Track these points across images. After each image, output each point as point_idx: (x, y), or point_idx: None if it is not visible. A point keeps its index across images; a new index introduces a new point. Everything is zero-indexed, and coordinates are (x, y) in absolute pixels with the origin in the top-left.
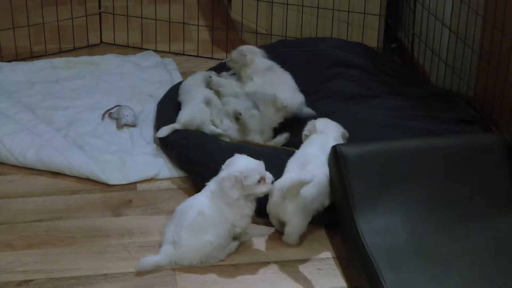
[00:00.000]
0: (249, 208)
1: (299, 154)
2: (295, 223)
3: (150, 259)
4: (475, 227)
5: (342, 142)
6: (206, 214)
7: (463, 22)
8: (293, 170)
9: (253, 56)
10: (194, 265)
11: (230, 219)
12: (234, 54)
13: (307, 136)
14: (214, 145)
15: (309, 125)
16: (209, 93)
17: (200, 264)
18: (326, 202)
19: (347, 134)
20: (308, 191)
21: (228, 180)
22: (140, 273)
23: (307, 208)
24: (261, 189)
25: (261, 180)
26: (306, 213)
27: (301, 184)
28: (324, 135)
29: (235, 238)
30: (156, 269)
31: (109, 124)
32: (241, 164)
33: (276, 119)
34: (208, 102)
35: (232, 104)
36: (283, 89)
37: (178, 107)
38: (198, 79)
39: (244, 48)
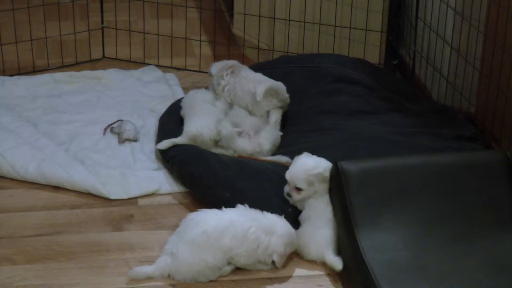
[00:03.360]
0: None
1: None
2: None
3: (142, 269)
4: (476, 244)
5: None
6: (210, 234)
7: (464, 39)
8: None
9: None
10: (187, 281)
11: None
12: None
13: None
14: (215, 160)
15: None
16: (212, 108)
17: (192, 281)
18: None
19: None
20: None
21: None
22: None
23: None
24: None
25: None
26: None
27: None
28: None
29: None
30: (152, 280)
31: (111, 138)
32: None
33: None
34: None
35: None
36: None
37: (180, 122)
38: (203, 95)
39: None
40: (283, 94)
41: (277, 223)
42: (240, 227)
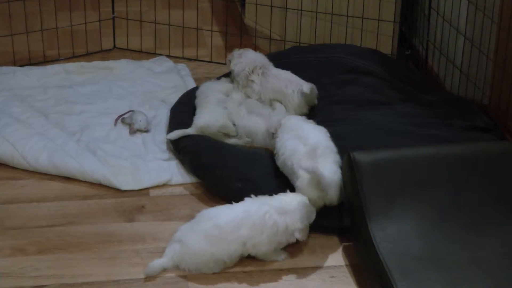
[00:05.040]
0: None
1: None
2: None
3: (156, 263)
4: (489, 235)
5: None
6: (223, 227)
7: (478, 29)
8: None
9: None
10: (191, 271)
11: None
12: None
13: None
14: (228, 151)
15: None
16: (225, 99)
17: (195, 271)
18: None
19: None
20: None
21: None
22: (151, 279)
23: None
24: None
25: None
26: None
27: None
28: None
29: None
30: (163, 272)
31: (122, 129)
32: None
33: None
34: (224, 106)
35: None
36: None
37: (191, 112)
38: (218, 86)
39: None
40: (315, 99)
41: (285, 200)
42: (256, 215)
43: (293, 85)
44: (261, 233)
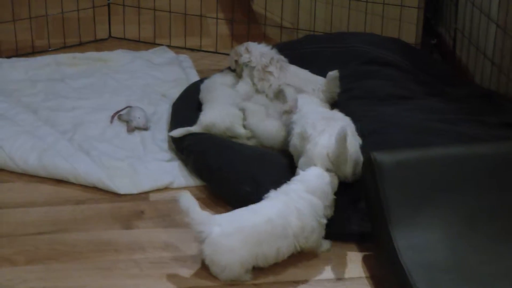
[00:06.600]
0: None
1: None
2: None
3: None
4: None
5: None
6: (275, 222)
7: (510, 15)
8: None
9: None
10: (214, 271)
11: None
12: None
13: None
14: (237, 151)
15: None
16: (234, 94)
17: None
18: None
19: None
20: None
21: None
22: None
23: None
24: None
25: None
26: None
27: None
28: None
29: None
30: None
31: (119, 127)
32: None
33: None
34: (232, 103)
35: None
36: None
37: (195, 108)
38: (227, 78)
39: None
40: (337, 90)
41: (305, 179)
42: (295, 204)
43: (312, 84)
44: (312, 218)
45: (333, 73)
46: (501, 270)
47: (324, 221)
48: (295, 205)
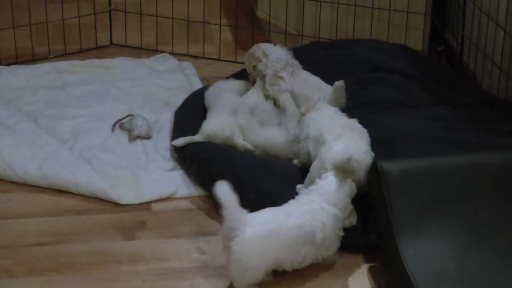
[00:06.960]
0: None
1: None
2: None
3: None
4: None
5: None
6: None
7: None
8: None
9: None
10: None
11: None
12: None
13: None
14: (240, 160)
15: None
16: (238, 102)
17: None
18: None
19: None
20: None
21: None
22: None
23: None
24: None
25: None
26: None
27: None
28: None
29: None
30: None
31: (120, 135)
32: None
33: None
34: (235, 111)
35: None
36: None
37: (198, 116)
38: (232, 85)
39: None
40: (343, 99)
41: (322, 187)
42: (319, 216)
43: (320, 93)
44: (330, 229)
45: (339, 83)
46: (509, 282)
47: (342, 233)
48: (319, 218)
